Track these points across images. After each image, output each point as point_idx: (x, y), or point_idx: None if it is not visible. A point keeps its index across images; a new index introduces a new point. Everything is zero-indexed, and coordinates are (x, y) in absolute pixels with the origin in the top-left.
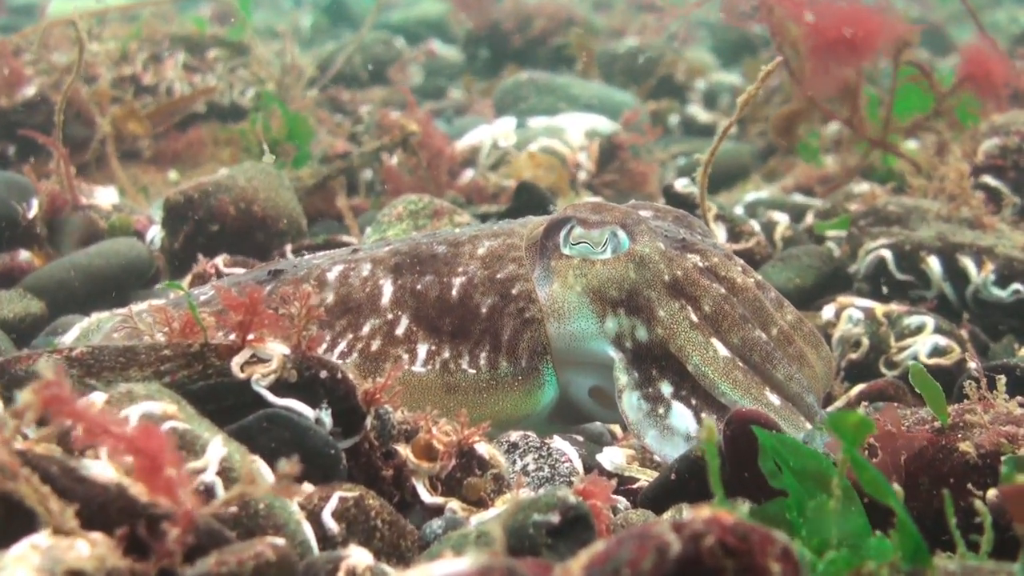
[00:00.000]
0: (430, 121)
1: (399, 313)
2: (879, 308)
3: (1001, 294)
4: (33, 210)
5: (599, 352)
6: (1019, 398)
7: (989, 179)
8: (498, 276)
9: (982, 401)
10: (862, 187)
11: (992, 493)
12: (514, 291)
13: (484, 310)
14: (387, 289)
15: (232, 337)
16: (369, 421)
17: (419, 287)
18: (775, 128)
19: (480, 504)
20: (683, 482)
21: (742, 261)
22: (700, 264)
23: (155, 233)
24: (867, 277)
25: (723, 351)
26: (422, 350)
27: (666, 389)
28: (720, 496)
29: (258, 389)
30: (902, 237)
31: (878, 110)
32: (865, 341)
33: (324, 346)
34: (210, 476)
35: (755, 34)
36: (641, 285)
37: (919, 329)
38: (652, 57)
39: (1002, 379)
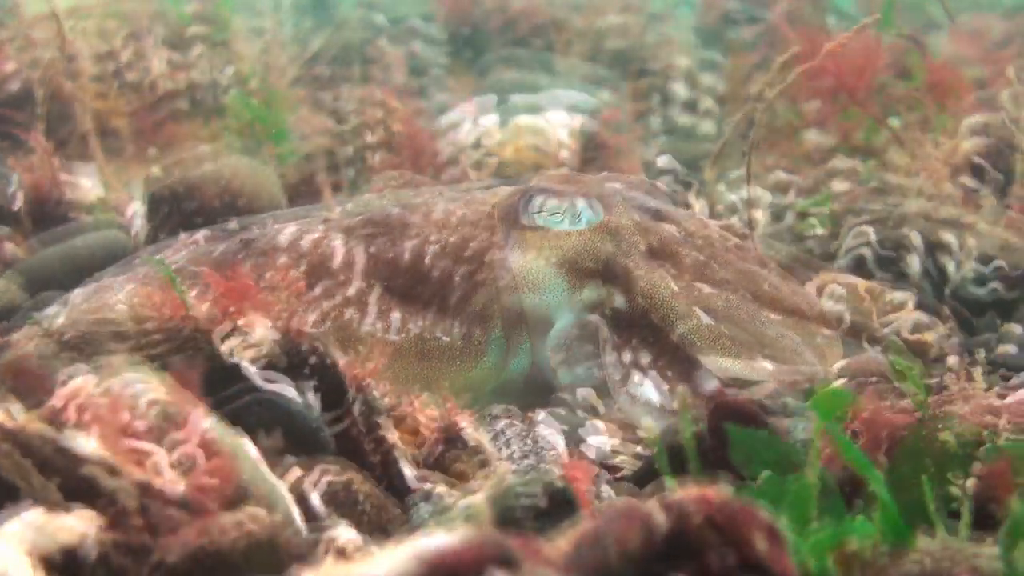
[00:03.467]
0: (411, 118)
1: (372, 282)
2: (861, 284)
3: (979, 292)
4: (18, 202)
5: (558, 323)
6: (997, 388)
7: (968, 179)
8: (471, 244)
9: (962, 392)
10: (845, 163)
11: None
12: (486, 259)
13: (457, 278)
14: (359, 259)
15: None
16: (357, 405)
17: (391, 255)
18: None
19: (466, 488)
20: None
21: (718, 226)
22: (676, 232)
23: (139, 226)
24: (849, 253)
25: (706, 319)
26: (395, 318)
27: (644, 358)
28: (696, 466)
29: (247, 372)
30: (884, 213)
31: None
32: (847, 317)
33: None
34: (191, 448)
35: (735, 9)
36: (617, 255)
37: (900, 305)
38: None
39: (978, 371)
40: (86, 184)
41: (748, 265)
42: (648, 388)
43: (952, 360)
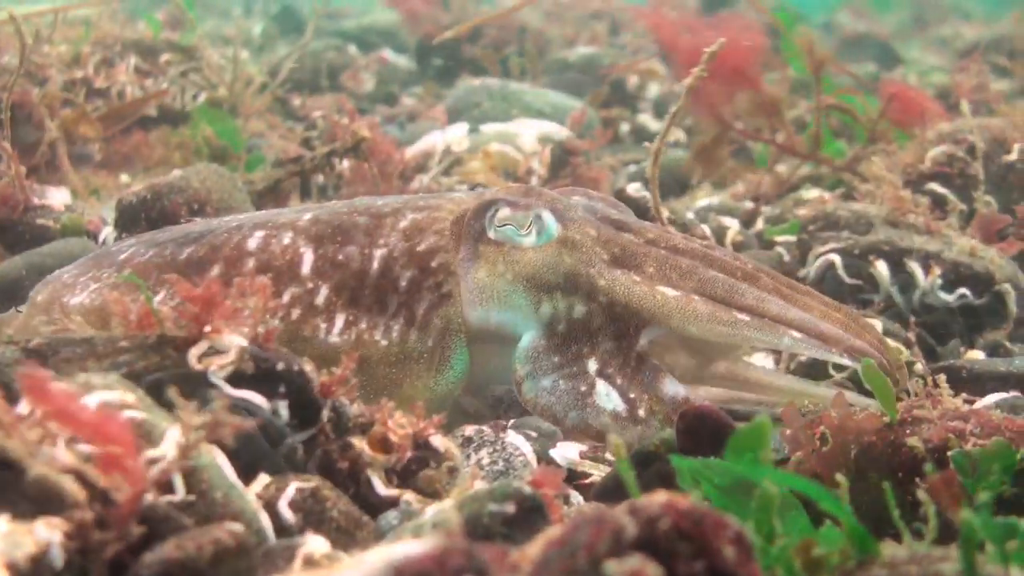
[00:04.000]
0: (378, 127)
1: (319, 283)
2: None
3: (947, 298)
4: None
5: (525, 336)
6: (964, 395)
7: (936, 186)
8: (418, 248)
9: (931, 398)
10: (811, 193)
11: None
12: (433, 264)
13: (403, 283)
14: (308, 258)
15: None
16: (325, 413)
17: (340, 257)
18: (696, 155)
19: (435, 496)
20: (637, 475)
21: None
22: (637, 240)
23: (107, 233)
24: (816, 281)
25: (672, 292)
26: (340, 320)
27: (609, 368)
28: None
29: (215, 381)
30: (851, 241)
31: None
32: None
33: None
34: (167, 464)
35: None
36: (579, 266)
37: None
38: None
39: (942, 377)
40: (54, 192)
41: (718, 254)
42: (614, 398)
43: (919, 367)
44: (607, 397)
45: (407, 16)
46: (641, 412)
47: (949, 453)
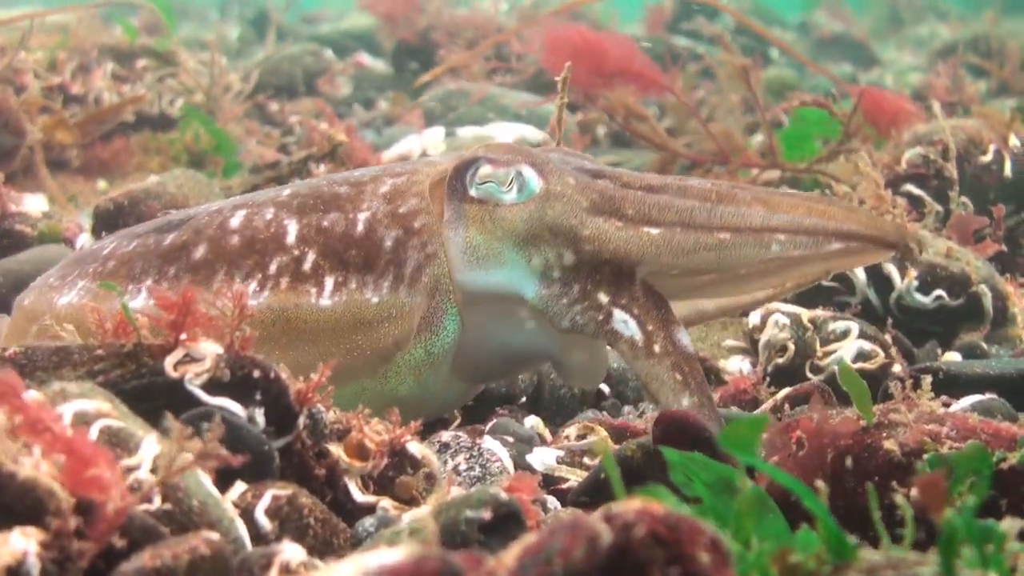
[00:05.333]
0: (354, 131)
1: (305, 249)
2: (805, 314)
3: (924, 300)
4: None
5: (524, 293)
6: (944, 397)
7: (912, 187)
8: (400, 211)
9: (906, 401)
10: None
11: (915, 490)
12: (416, 224)
13: (388, 243)
14: (292, 228)
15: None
16: (302, 420)
17: (324, 223)
18: None
19: (412, 503)
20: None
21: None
22: (612, 185)
23: (85, 240)
24: None
25: (655, 230)
26: (329, 282)
27: (603, 298)
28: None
29: (191, 388)
30: None
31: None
32: (791, 346)
33: (235, 286)
34: (144, 473)
35: (681, 47)
36: (561, 217)
37: (844, 334)
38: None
39: (927, 379)
40: (31, 198)
41: (693, 184)
42: (632, 326)
43: (897, 368)
44: (625, 324)
45: (383, 19)
46: (656, 348)
47: (924, 456)
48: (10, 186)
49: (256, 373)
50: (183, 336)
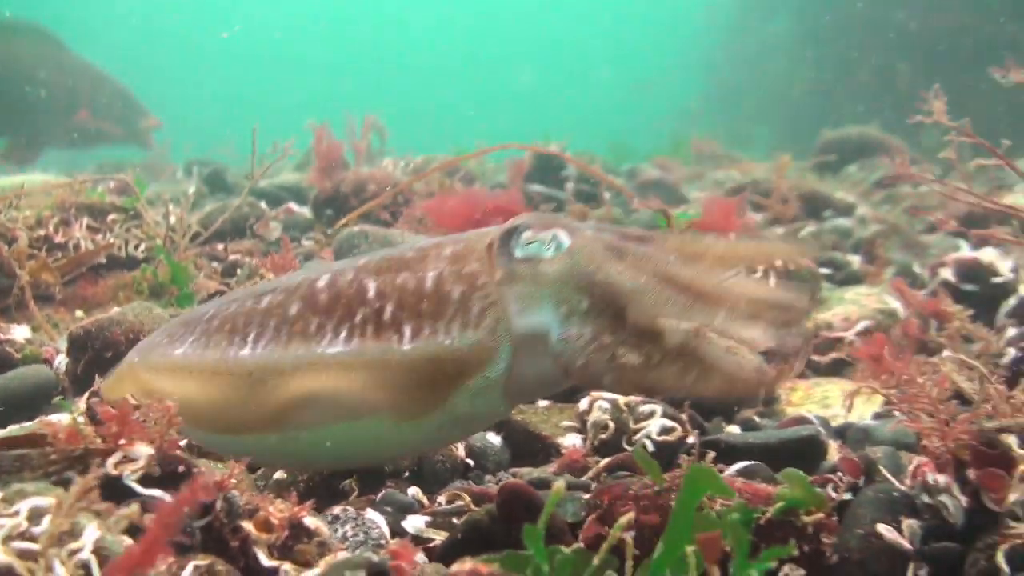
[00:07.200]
0: (289, 264)
1: (384, 303)
2: (621, 399)
3: None
4: None
5: (551, 334)
6: (720, 464)
7: None
8: (464, 271)
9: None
10: None
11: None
12: (478, 283)
13: (456, 296)
14: (371, 285)
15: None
16: (219, 503)
17: (398, 281)
18: None
19: (307, 566)
20: (468, 540)
21: None
22: (619, 239)
23: (60, 360)
24: None
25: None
26: (407, 330)
27: (607, 339)
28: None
29: (128, 483)
30: None
31: None
32: (611, 424)
33: (328, 336)
34: (86, 554)
35: (535, 191)
36: (582, 265)
37: (650, 414)
38: None
39: (711, 454)
40: (16, 328)
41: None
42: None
43: (691, 439)
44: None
45: (313, 178)
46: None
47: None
48: (2, 319)
49: (181, 468)
50: (122, 441)
